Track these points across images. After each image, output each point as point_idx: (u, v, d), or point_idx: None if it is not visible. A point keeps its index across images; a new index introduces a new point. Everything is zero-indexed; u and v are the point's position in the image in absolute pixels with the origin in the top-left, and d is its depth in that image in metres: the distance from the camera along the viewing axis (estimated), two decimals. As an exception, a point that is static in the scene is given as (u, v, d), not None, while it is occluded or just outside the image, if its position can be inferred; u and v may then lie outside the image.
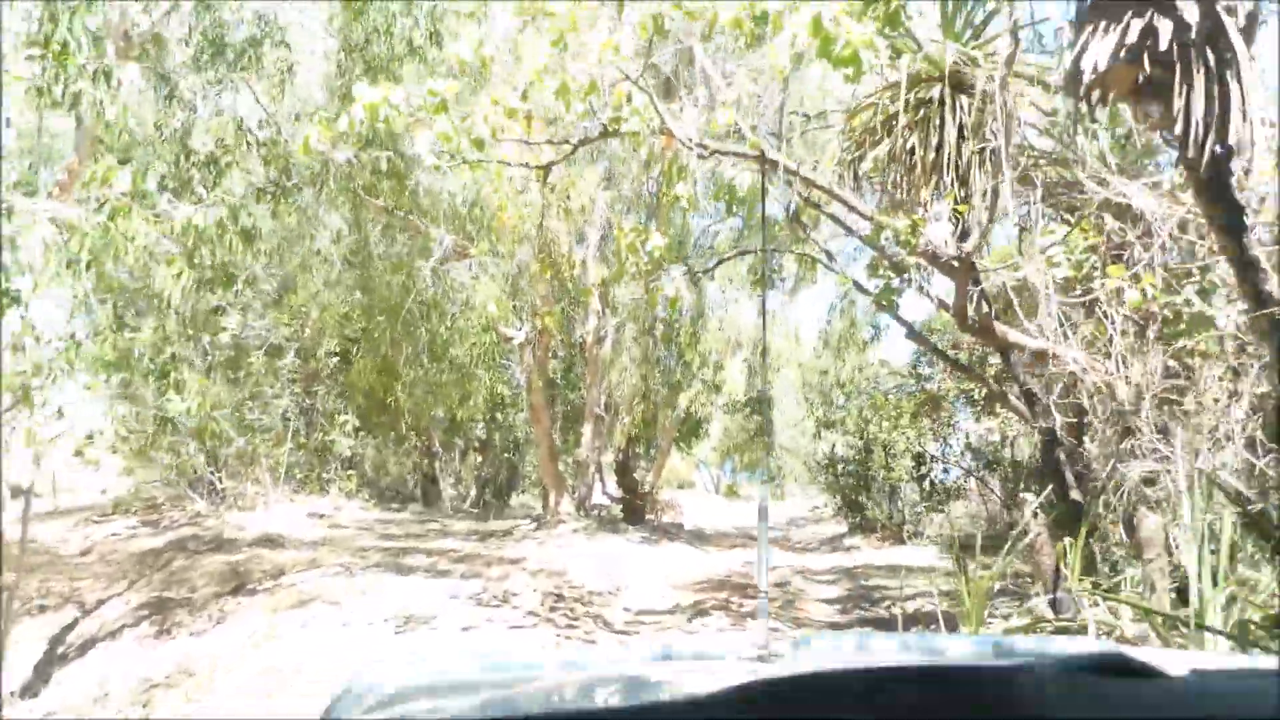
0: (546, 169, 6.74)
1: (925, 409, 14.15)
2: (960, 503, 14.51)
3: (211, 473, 14.18)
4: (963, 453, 13.27)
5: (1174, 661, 1.12)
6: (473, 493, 19.79)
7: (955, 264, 5.59)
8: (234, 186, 7.55)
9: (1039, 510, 5.83)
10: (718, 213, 13.52)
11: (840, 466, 17.27)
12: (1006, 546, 5.80)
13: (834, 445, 21.20)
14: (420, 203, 10.10)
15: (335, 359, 15.89)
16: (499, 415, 20.29)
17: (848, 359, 14.68)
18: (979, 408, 12.00)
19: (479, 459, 20.05)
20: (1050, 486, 6.00)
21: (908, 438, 14.69)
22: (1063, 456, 6.18)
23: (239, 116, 9.51)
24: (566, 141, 6.35)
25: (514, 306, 11.15)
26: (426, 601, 7.80)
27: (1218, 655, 2.82)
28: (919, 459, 14.16)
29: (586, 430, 16.18)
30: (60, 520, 13.91)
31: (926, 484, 14.15)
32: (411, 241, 11.07)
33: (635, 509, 16.03)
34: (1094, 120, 5.65)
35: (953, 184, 6.21)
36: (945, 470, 14.06)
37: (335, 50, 10.74)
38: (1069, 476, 6.13)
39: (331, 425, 18.70)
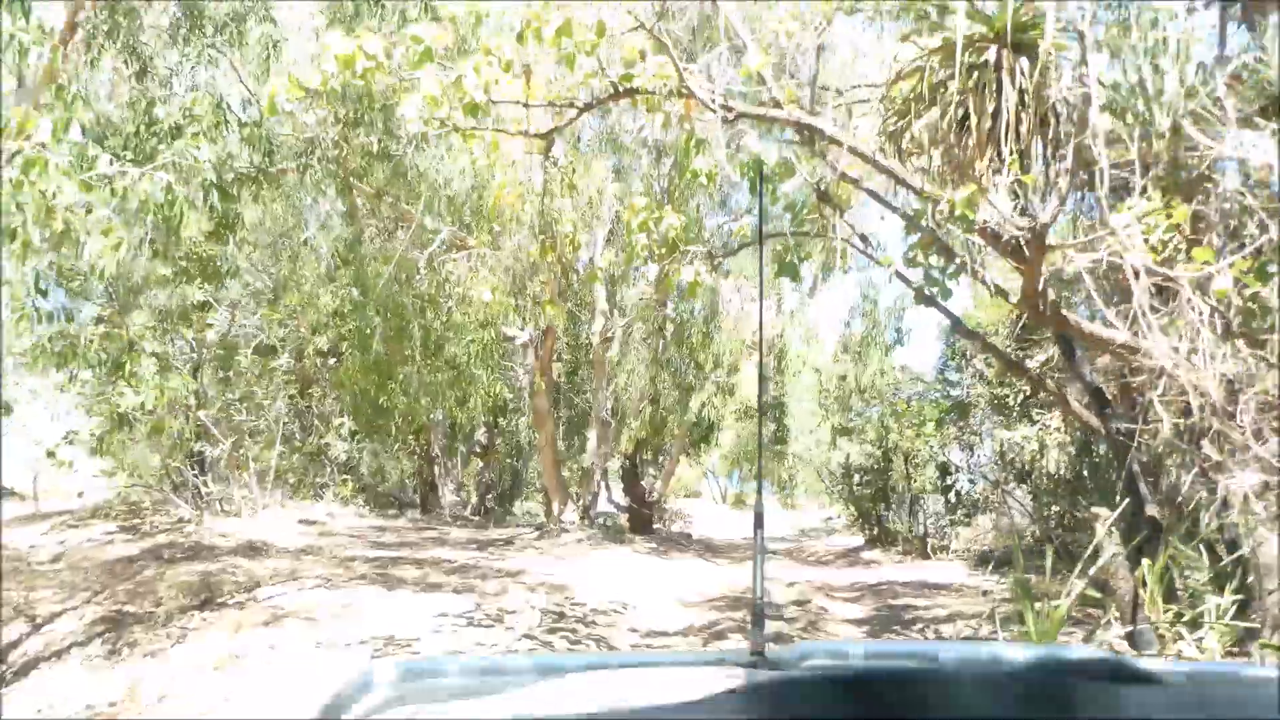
0: (549, 138, 5.99)
1: (951, 416, 13.35)
2: (982, 516, 13.69)
3: (195, 476, 13.46)
4: (994, 462, 12.46)
5: (1169, 668, 1.16)
6: (474, 499, 19.03)
7: (1024, 242, 4.81)
8: (204, 164, 6.80)
9: (1113, 528, 5.04)
10: (733, 201, 12.77)
11: (858, 476, 16.46)
12: (1077, 569, 5.02)
13: (848, 455, 20.47)
14: (415, 189, 9.37)
15: (326, 358, 15.19)
16: (501, 420, 19.55)
17: (870, 363, 13.89)
18: (1013, 414, 11.21)
19: (480, 465, 19.29)
20: (1127, 501, 5.20)
21: (931, 446, 13.89)
22: (1136, 467, 5.39)
23: (218, 93, 8.79)
24: (571, 104, 5.60)
25: (515, 304, 10.39)
26: (412, 620, 7.03)
27: (1215, 663, 2.62)
28: (944, 469, 13.35)
29: (592, 435, 15.42)
30: (38, 525, 13.17)
31: (952, 495, 13.33)
32: (406, 231, 10.34)
33: (642, 518, 15.25)
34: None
35: (1012, 155, 5.45)
36: (971, 481, 13.25)
37: (324, 27, 10.00)
38: (1144, 490, 5.34)
39: (327, 428, 18.00)
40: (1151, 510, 5.35)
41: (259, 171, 9.41)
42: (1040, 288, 4.85)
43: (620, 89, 5.30)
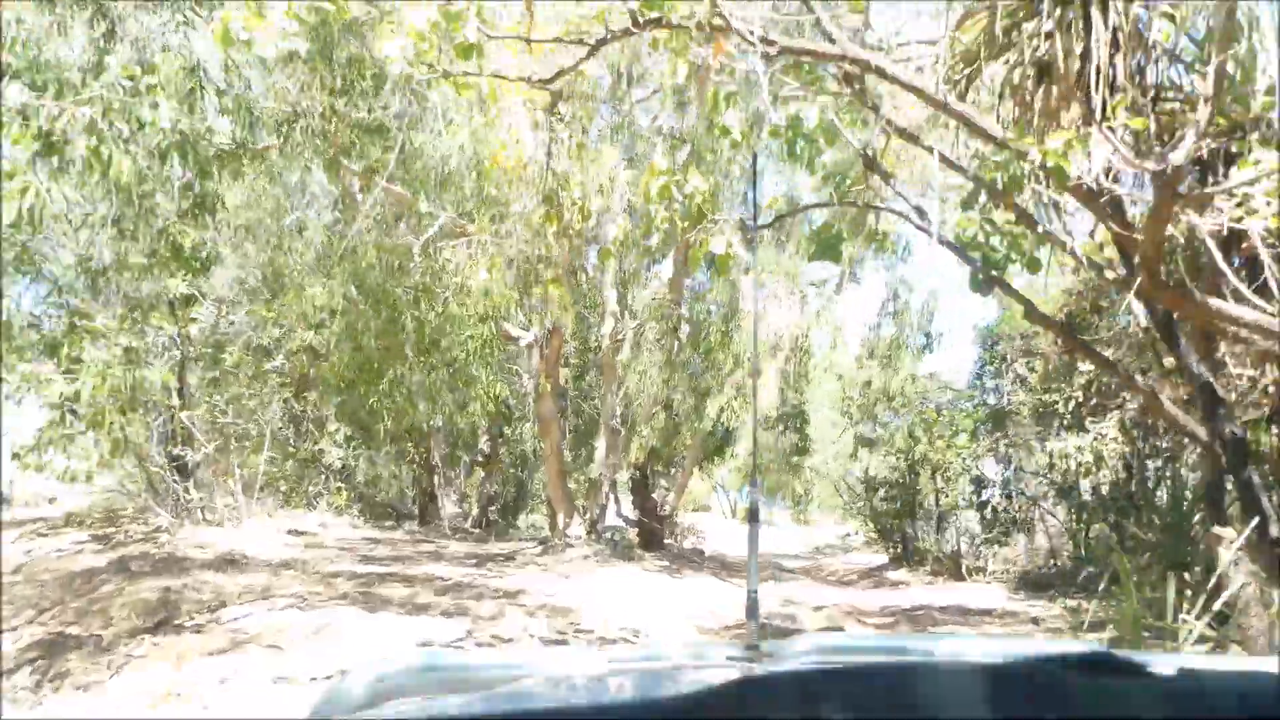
0: (555, 86, 5.12)
1: (985, 427, 12.40)
2: (1021, 534, 12.70)
3: (177, 482, 12.58)
4: (1040, 475, 11.50)
5: (1162, 662, 1.15)
6: (475, 511, 18.11)
7: (1141, 192, 3.90)
8: (162, 122, 5.95)
9: (1241, 554, 4.09)
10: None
11: (882, 490, 15.49)
12: (1200, 603, 4.08)
13: (868, 468, 19.48)
14: (409, 166, 8.51)
15: (321, 358, 14.32)
16: (507, 429, 18.65)
17: (900, 368, 12.94)
18: (1062, 422, 10.24)
19: (482, 474, 18.36)
20: (1257, 520, 4.25)
21: (963, 459, 12.93)
22: (1256, 479, 4.45)
23: (193, 57, 7.95)
24: (581, 41, 4.73)
25: (518, 297, 9.51)
26: (392, 649, 6.10)
27: (1206, 656, 2.47)
28: (978, 483, 12.38)
29: (600, 444, 14.50)
30: (8, 533, 12.31)
31: (987, 512, 12.35)
32: (399, 217, 9.48)
33: (653, 533, 14.31)
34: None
35: (1104, 105, 4.55)
36: (1007, 496, 12.27)
37: (318, -7, 9.14)
38: (1267, 506, 4.40)
39: (321, 433, 17.12)
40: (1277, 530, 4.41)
41: (239, 146, 8.59)
42: (1158, 248, 3.93)
43: (641, 19, 4.43)
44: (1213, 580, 4.07)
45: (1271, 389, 5.19)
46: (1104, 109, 4.55)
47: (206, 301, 12.58)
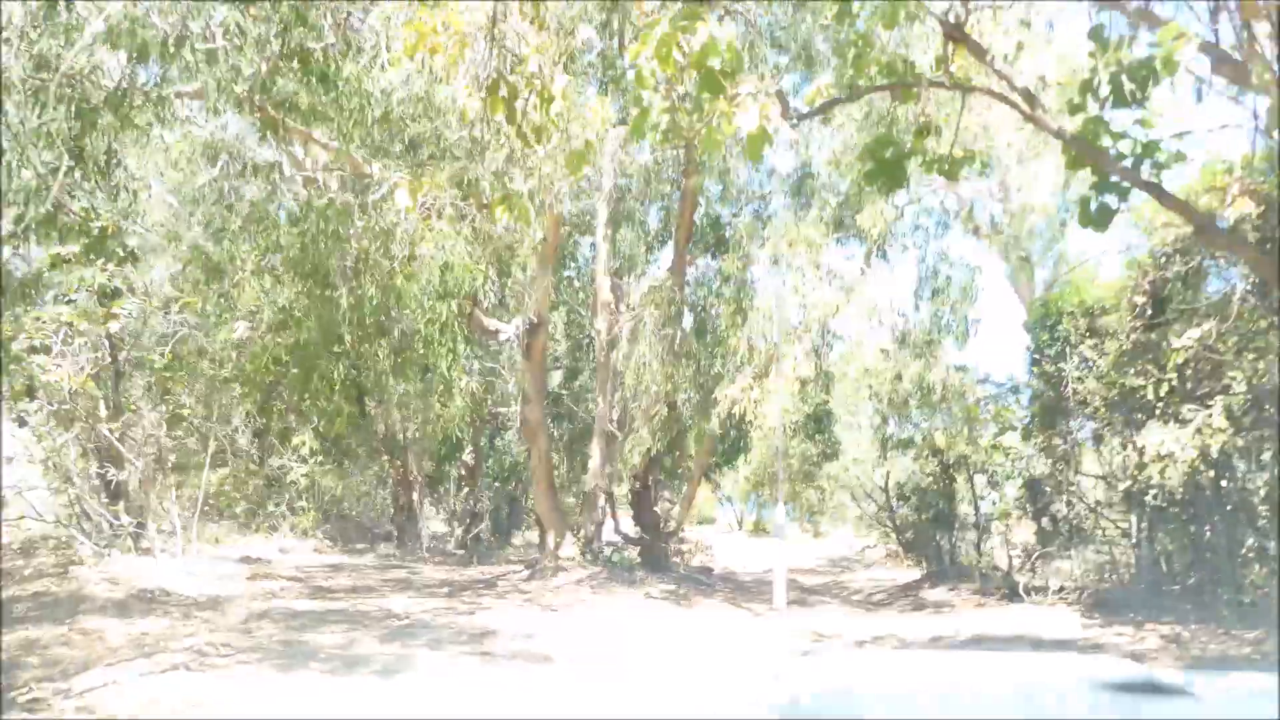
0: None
1: (1040, 421, 10.62)
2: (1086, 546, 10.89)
3: (103, 506, 10.82)
4: (1109, 476, 9.70)
5: (1203, 683, 1.24)
6: (459, 531, 16.31)
7: None
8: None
9: None
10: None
11: (914, 498, 13.69)
12: None
13: (889, 473, 17.69)
14: (344, 104, 6.76)
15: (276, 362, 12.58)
16: (498, 440, 16.90)
17: (937, 358, 11.15)
18: (1152, 413, 8.47)
19: (467, 490, 16.55)
20: None
21: (1012, 460, 11.13)
22: None
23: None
24: None
25: (485, 271, 7.79)
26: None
27: (1248, 676, 2.08)
28: (1034, 487, 10.58)
29: (595, 451, 12.74)
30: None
31: (1046, 520, 10.55)
32: (339, 176, 7.77)
33: (656, 552, 12.52)
34: None
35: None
36: (1069, 504, 10.47)
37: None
38: None
39: (286, 447, 15.36)
40: None
41: (128, 83, 6.87)
42: None
43: None
44: None
45: None
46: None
47: (134, 298, 10.84)
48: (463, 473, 16.67)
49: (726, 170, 9.98)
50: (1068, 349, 9.44)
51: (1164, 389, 7.95)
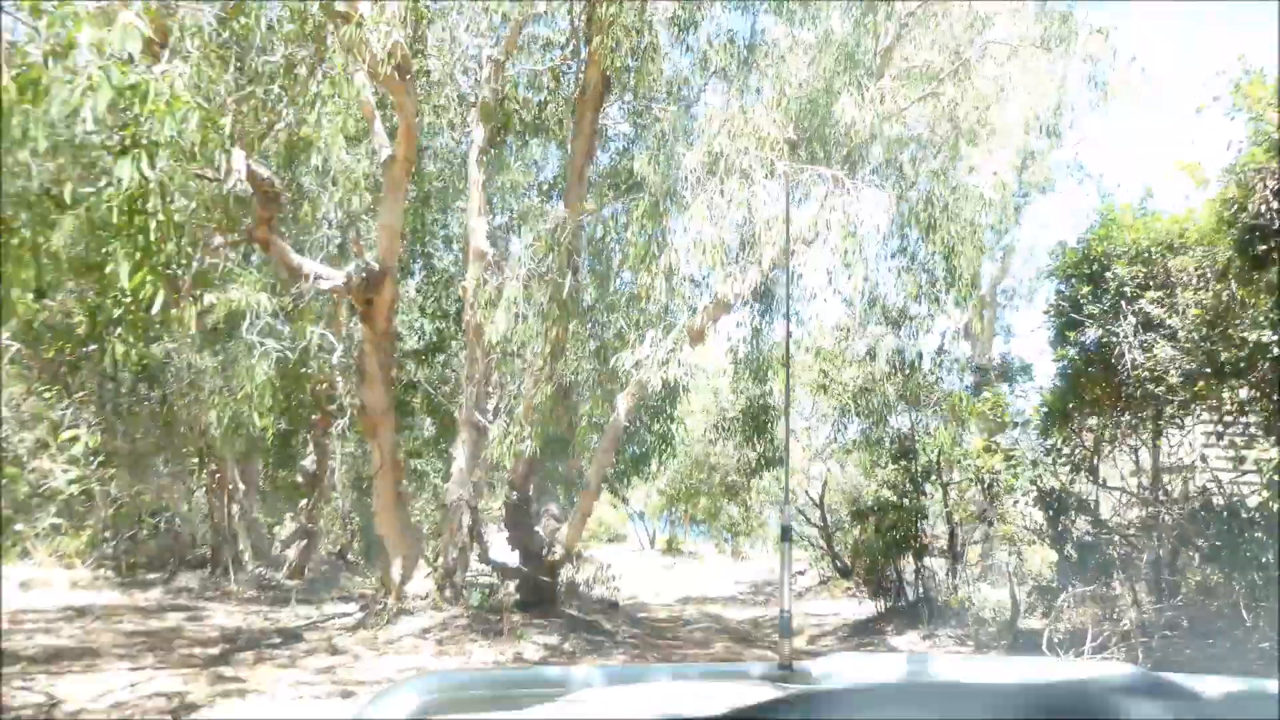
0: None
1: (1060, 418, 7.76)
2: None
3: None
4: (1203, 490, 6.81)
5: (1205, 684, 1.16)
6: (292, 557, 12.66)
7: None
8: None
9: None
10: None
11: (872, 516, 10.75)
12: None
13: (824, 484, 14.87)
14: None
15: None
16: (350, 435, 13.27)
17: (923, 327, 8.20)
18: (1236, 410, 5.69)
19: (306, 504, 12.92)
20: None
21: (1015, 467, 8.25)
22: None
23: None
24: None
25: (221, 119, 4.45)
26: None
27: (1253, 680, 1.69)
28: (1056, 503, 7.69)
29: (460, 451, 9.42)
30: None
31: (1070, 549, 7.65)
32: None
33: (539, 587, 9.21)
34: None
35: None
36: (1095, 523, 7.62)
37: None
38: None
39: (54, 441, 11.53)
40: None
41: None
42: None
43: None
44: None
45: None
46: None
47: None
48: (300, 481, 13.03)
49: (646, 49, 6.83)
50: (1122, 305, 6.59)
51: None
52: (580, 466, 8.46)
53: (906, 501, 10.42)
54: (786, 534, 2.35)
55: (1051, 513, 7.72)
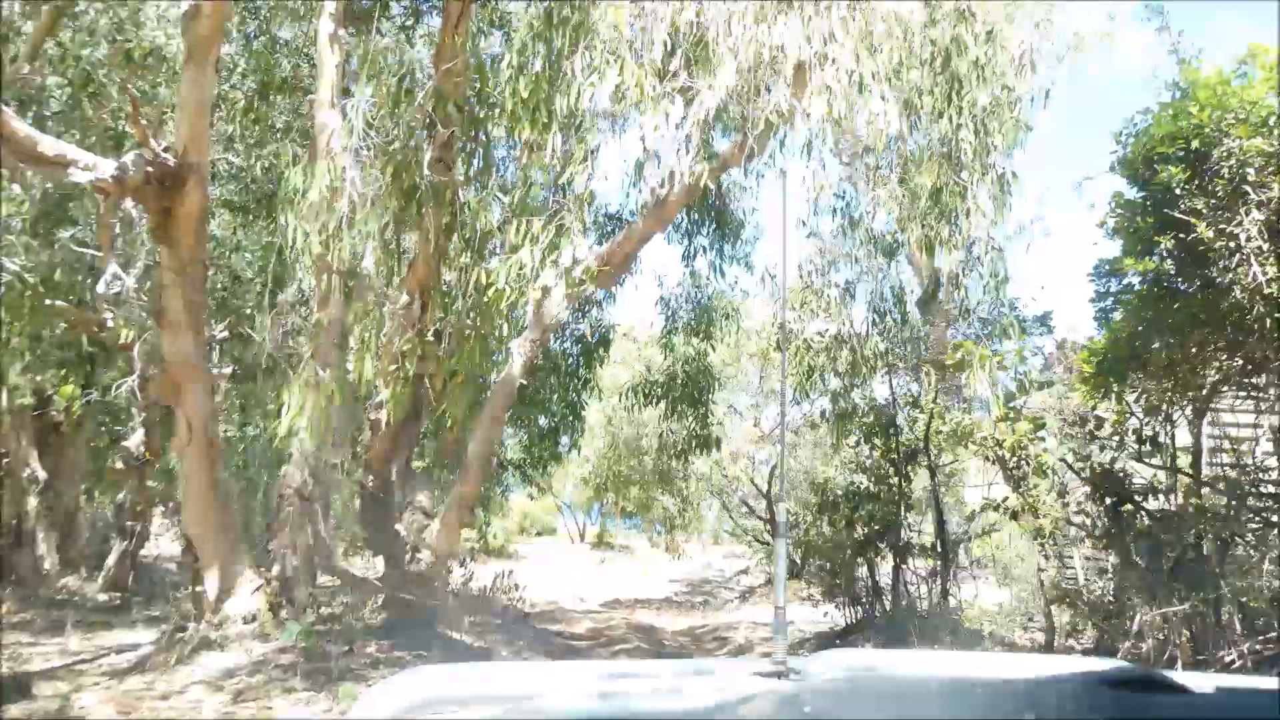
0: None
1: (1098, 382, 5.61)
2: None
3: None
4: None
5: (1201, 681, 1.13)
6: (111, 564, 9.94)
7: None
8: None
9: None
10: None
11: (842, 506, 8.54)
12: None
13: (772, 471, 12.83)
14: None
15: None
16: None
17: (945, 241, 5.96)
18: None
19: (134, 497, 10.20)
20: None
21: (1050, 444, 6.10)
22: None
23: None
24: None
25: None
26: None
27: (1244, 676, 2.29)
28: (1114, 487, 5.55)
29: (296, 418, 6.91)
30: None
31: (1138, 547, 5.51)
32: None
33: (410, 605, 6.74)
34: None
35: None
36: (1174, 527, 5.51)
37: None
38: None
39: None
40: None
41: None
42: None
43: None
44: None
45: None
46: None
47: None
48: (131, 464, 10.28)
49: None
50: (1249, 195, 4.43)
51: None
52: (463, 426, 6.00)
53: (885, 489, 8.28)
54: (780, 529, 2.16)
55: (1110, 502, 5.57)
